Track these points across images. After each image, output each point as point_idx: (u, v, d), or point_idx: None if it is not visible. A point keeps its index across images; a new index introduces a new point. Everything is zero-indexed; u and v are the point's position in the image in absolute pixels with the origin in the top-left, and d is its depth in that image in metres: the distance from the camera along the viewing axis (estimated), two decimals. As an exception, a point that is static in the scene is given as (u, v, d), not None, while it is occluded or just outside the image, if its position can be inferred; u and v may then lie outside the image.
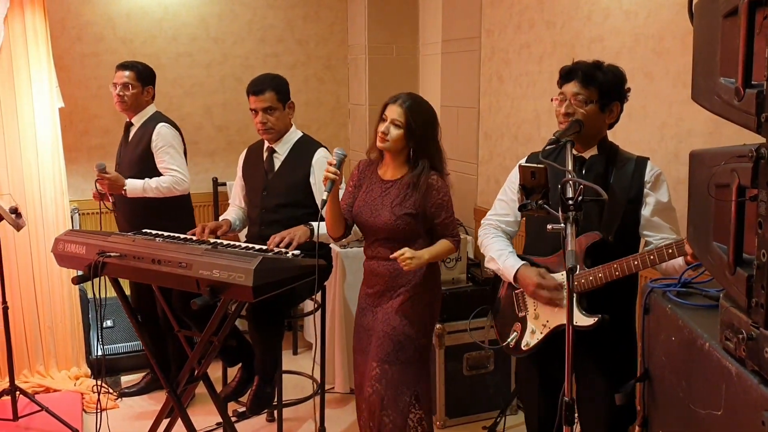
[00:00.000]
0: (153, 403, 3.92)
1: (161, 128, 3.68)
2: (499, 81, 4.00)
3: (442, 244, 2.74)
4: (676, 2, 2.81)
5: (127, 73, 3.65)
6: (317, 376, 3.57)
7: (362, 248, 2.85)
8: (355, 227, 2.88)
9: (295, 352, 4.58)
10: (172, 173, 3.65)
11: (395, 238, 2.70)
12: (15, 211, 3.41)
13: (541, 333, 2.37)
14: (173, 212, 3.72)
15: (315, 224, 3.11)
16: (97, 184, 3.55)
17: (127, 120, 3.77)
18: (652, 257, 2.05)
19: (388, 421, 2.68)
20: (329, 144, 3.48)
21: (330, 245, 3.44)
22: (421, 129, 2.66)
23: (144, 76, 3.70)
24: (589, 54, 3.22)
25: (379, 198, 2.73)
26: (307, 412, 3.81)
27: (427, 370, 2.85)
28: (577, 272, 2.23)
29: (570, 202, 1.76)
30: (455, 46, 4.41)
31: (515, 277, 2.41)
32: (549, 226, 1.78)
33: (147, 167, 3.65)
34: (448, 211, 2.74)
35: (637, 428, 1.88)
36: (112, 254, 2.72)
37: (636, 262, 2.08)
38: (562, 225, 1.75)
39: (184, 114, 4.80)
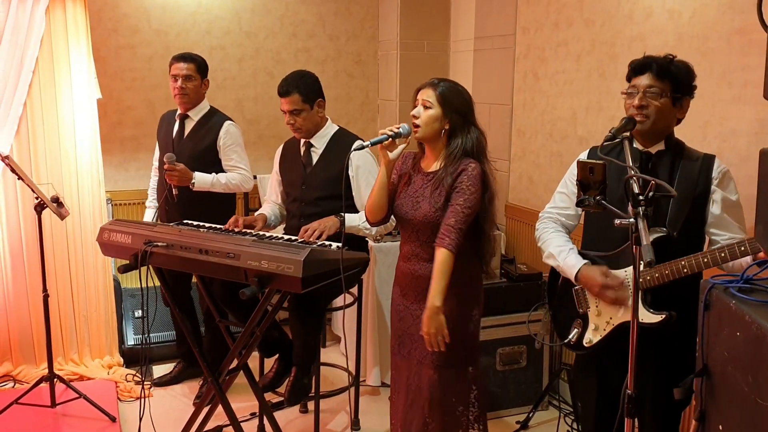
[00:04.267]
0: (185, 392, 3.97)
1: (230, 127, 3.73)
2: (535, 78, 4.02)
3: (438, 263, 2.46)
4: (722, 2, 2.82)
5: (187, 65, 3.65)
6: (348, 368, 3.60)
7: (395, 242, 2.78)
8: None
9: (323, 345, 4.61)
10: (240, 171, 3.71)
11: (436, 236, 2.55)
12: (57, 200, 3.45)
13: (605, 330, 2.37)
14: (222, 206, 3.76)
15: (345, 215, 3.11)
16: (165, 177, 3.55)
17: (180, 112, 3.77)
18: (723, 254, 2.05)
19: (450, 425, 2.61)
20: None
21: (366, 239, 3.46)
22: (454, 106, 2.53)
23: (203, 67, 3.73)
24: (630, 54, 3.24)
25: (421, 189, 2.60)
26: (338, 404, 3.85)
27: (480, 364, 2.74)
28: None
29: (641, 197, 1.77)
30: (488, 43, 4.42)
31: (576, 276, 2.41)
32: (617, 221, 1.79)
33: (207, 162, 3.68)
34: (467, 201, 2.47)
35: (694, 423, 1.90)
36: (159, 244, 2.75)
37: (706, 259, 2.08)
38: (632, 220, 1.77)
39: (215, 107, 4.82)
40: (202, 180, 3.60)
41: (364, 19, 5.13)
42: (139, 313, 4.33)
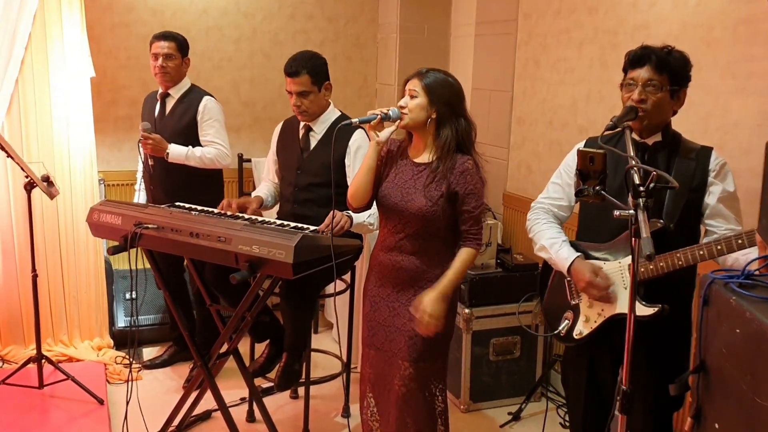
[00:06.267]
0: (175, 375, 3.93)
1: (208, 101, 3.69)
2: (536, 66, 3.96)
3: (463, 259, 2.50)
4: (729, -9, 2.77)
5: (168, 43, 3.63)
6: (339, 354, 3.56)
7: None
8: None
9: (316, 331, 4.57)
10: (217, 146, 3.66)
11: (425, 229, 2.49)
12: (47, 179, 3.39)
13: (596, 322, 2.34)
14: (207, 186, 3.72)
15: (353, 215, 3.01)
16: (140, 145, 3.52)
17: (161, 91, 3.74)
18: (719, 247, 2.02)
19: (424, 416, 2.57)
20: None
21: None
22: (441, 97, 2.46)
23: (183, 46, 3.70)
24: (633, 42, 3.17)
25: (411, 180, 2.51)
26: (330, 391, 3.82)
27: (448, 357, 2.71)
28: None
29: (642, 188, 1.72)
30: (490, 28, 4.36)
31: (569, 269, 2.37)
32: (616, 212, 1.74)
33: (190, 139, 3.66)
34: (479, 201, 2.50)
35: (689, 420, 1.86)
36: (149, 226, 2.71)
37: (702, 252, 2.05)
38: (631, 211, 1.72)
39: (211, 88, 4.70)
40: (176, 151, 3.56)
41: (364, 1, 5.05)
42: (130, 295, 4.28)
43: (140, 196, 3.88)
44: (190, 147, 3.61)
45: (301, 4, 4.91)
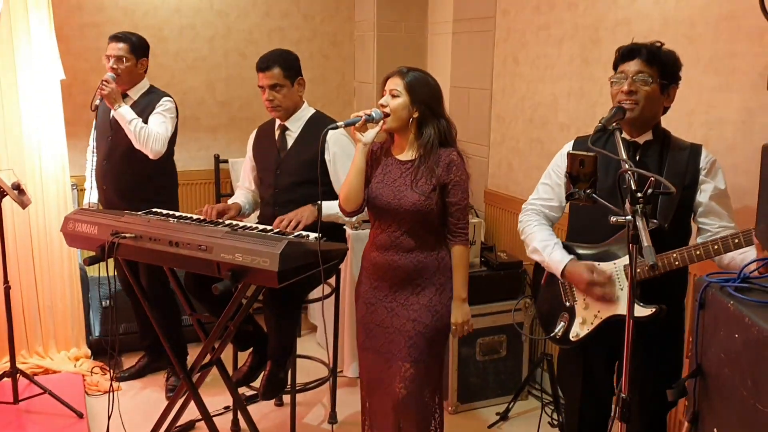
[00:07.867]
0: (156, 385, 3.84)
1: (166, 100, 3.57)
2: (515, 63, 3.92)
3: (463, 258, 2.56)
4: (710, -14, 2.75)
5: (120, 45, 3.49)
6: (325, 359, 3.51)
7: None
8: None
9: (299, 335, 4.51)
10: (158, 131, 3.49)
11: (420, 225, 2.51)
12: (17, 187, 3.29)
13: (593, 324, 2.31)
14: (161, 187, 3.65)
15: (322, 203, 2.98)
16: (99, 90, 3.37)
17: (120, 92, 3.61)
18: (716, 247, 2.00)
19: (421, 418, 2.56)
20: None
21: (344, 227, 3.35)
22: (422, 96, 2.48)
23: (138, 48, 3.55)
24: (614, 38, 3.16)
25: (401, 178, 2.52)
26: (316, 396, 3.76)
27: (443, 360, 2.74)
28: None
29: (639, 194, 1.69)
30: (468, 25, 4.31)
31: (563, 273, 2.34)
32: (612, 219, 1.71)
33: None
34: (464, 193, 2.52)
35: (686, 424, 1.84)
36: (126, 235, 2.63)
37: (698, 252, 2.03)
38: (629, 217, 1.69)
39: (186, 88, 4.67)
40: (125, 111, 3.41)
41: (340, -2, 4.99)
42: (106, 303, 4.14)
43: (92, 194, 3.74)
44: (139, 118, 3.47)
45: (276, 2, 4.83)
